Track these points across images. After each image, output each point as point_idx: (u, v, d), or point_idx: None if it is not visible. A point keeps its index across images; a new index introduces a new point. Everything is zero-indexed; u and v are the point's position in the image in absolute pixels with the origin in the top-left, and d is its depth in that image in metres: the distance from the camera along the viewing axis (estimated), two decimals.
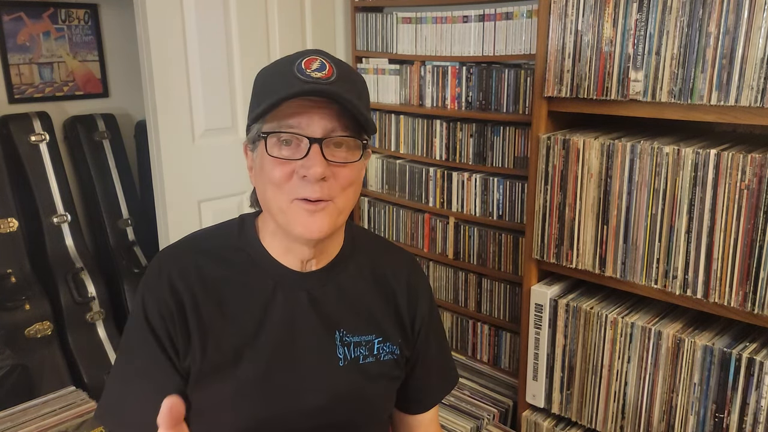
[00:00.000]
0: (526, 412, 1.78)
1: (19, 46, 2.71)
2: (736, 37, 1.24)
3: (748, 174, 1.26)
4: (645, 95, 1.39)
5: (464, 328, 2.33)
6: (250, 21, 2.31)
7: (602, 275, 1.54)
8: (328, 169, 0.79)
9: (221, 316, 0.86)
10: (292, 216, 0.81)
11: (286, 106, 0.79)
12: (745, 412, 1.34)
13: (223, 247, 0.91)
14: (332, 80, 0.79)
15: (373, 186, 2.59)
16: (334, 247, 0.92)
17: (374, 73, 2.48)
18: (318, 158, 0.78)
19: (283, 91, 0.77)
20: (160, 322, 0.84)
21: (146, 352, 0.84)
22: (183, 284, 0.86)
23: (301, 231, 0.82)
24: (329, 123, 0.80)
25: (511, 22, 2.01)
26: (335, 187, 0.81)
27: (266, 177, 0.82)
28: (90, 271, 2.60)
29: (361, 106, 0.80)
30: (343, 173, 0.82)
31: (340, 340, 0.90)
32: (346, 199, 0.84)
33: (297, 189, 0.80)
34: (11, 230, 2.44)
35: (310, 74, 0.79)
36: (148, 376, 0.84)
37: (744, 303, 1.31)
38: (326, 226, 0.82)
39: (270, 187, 0.82)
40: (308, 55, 0.82)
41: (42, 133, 2.58)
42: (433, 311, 1.01)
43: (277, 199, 0.82)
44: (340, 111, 0.80)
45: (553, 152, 1.56)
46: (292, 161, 0.80)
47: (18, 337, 2.34)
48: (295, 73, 0.79)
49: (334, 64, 0.81)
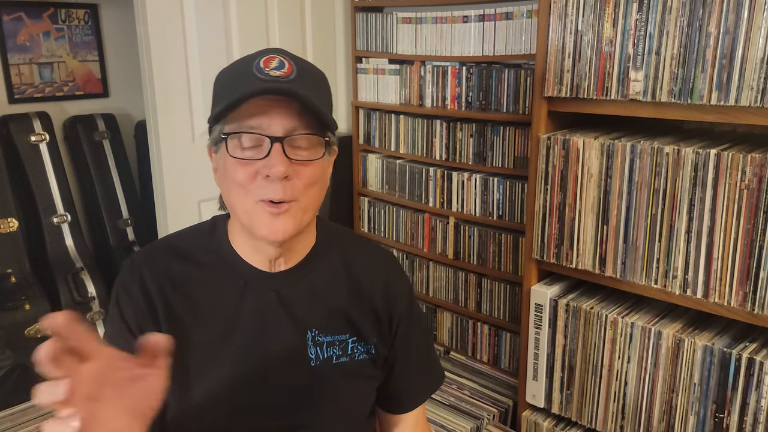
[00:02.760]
0: (526, 412, 1.78)
1: (19, 46, 2.71)
2: (736, 37, 1.24)
3: (748, 174, 1.26)
4: (645, 95, 1.39)
5: (464, 328, 2.33)
6: (250, 21, 2.31)
7: (602, 275, 1.54)
8: (290, 168, 0.79)
9: (192, 316, 0.87)
10: (256, 218, 0.81)
11: (246, 106, 0.78)
12: (745, 412, 1.35)
13: (196, 249, 0.91)
14: (292, 78, 0.79)
15: (373, 186, 2.59)
16: (304, 246, 0.92)
17: (374, 73, 2.48)
18: (280, 157, 0.78)
19: (242, 91, 0.77)
20: (134, 319, 0.86)
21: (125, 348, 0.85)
22: (155, 284, 0.87)
23: (265, 233, 0.82)
24: (290, 122, 0.79)
25: (511, 22, 2.01)
26: (298, 186, 0.81)
27: (230, 178, 0.82)
28: (90, 271, 2.60)
29: (321, 103, 0.80)
30: (306, 171, 0.81)
31: (312, 340, 0.89)
32: (311, 198, 0.84)
33: (261, 190, 0.80)
34: (11, 230, 2.44)
35: (269, 73, 0.78)
36: None
37: (744, 303, 1.31)
38: (290, 228, 0.82)
39: (234, 189, 0.82)
40: (267, 54, 0.81)
41: (42, 133, 2.58)
42: (412, 310, 1.00)
43: (242, 200, 0.82)
44: (301, 109, 0.79)
45: (553, 152, 1.56)
46: (255, 161, 0.79)
47: (18, 337, 2.34)
48: (253, 72, 0.78)
49: (293, 61, 0.81)
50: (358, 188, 2.65)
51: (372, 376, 0.95)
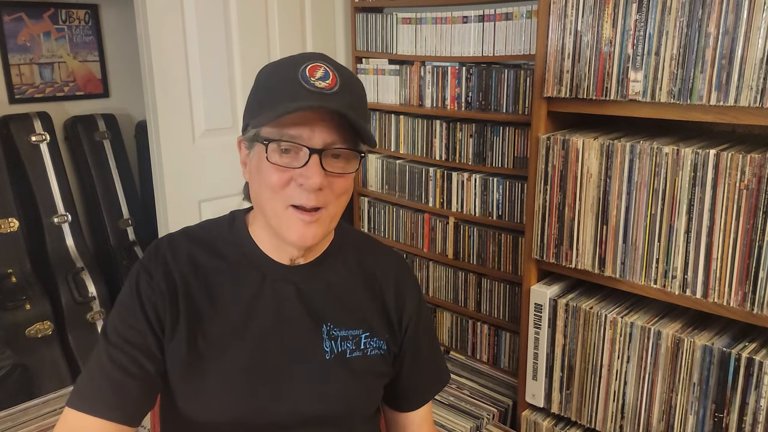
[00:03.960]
0: (526, 412, 1.78)
1: (20, 46, 2.71)
2: (736, 37, 1.24)
3: (748, 174, 1.27)
4: (644, 95, 1.39)
5: (464, 328, 2.33)
6: (250, 21, 2.31)
7: (602, 275, 1.54)
8: (325, 180, 0.81)
9: (211, 305, 0.89)
10: (285, 222, 0.83)
11: (288, 113, 0.79)
12: (745, 411, 1.35)
13: (218, 240, 0.93)
14: (336, 90, 0.80)
15: (373, 186, 2.59)
16: (323, 244, 0.94)
17: (374, 73, 2.48)
18: (317, 169, 0.80)
19: (288, 101, 0.78)
20: (150, 298, 0.86)
21: (131, 325, 0.86)
22: (177, 270, 0.88)
23: (294, 239, 0.84)
24: (330, 135, 0.81)
25: (511, 23, 2.01)
26: (330, 197, 0.83)
27: (263, 180, 0.83)
28: (90, 271, 2.61)
29: (361, 117, 0.82)
30: (340, 183, 0.84)
31: (328, 333, 0.91)
32: (339, 206, 0.86)
33: (293, 196, 0.82)
34: (12, 230, 2.44)
35: (315, 83, 0.80)
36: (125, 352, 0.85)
37: (743, 303, 1.32)
38: (319, 235, 0.84)
39: (266, 191, 0.83)
40: (312, 61, 0.82)
41: (42, 133, 2.58)
42: (421, 310, 1.02)
43: (273, 203, 0.83)
44: (341, 122, 0.81)
45: (552, 152, 1.56)
46: (291, 169, 0.81)
47: (18, 337, 2.34)
48: (299, 81, 0.80)
49: (337, 72, 0.82)
50: (358, 188, 2.65)
51: (382, 372, 0.97)
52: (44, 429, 1.75)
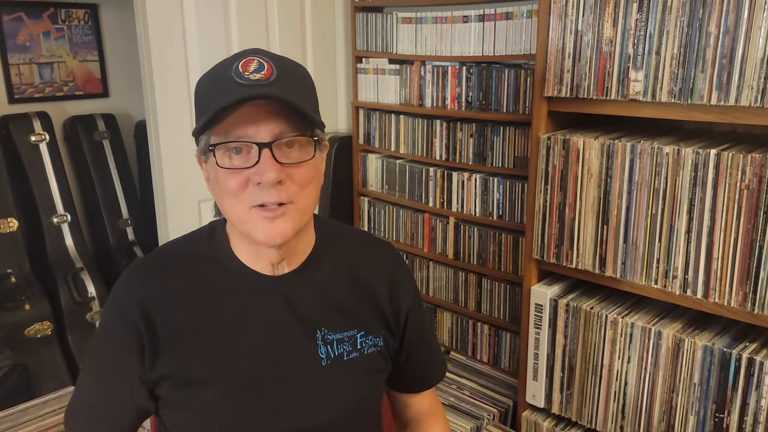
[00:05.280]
0: (526, 412, 1.78)
1: (19, 46, 2.71)
2: (736, 37, 1.24)
3: (748, 174, 1.26)
4: (645, 95, 1.39)
5: (464, 328, 2.33)
6: (250, 21, 2.31)
7: (602, 275, 1.54)
8: (282, 172, 0.78)
9: (194, 326, 0.86)
10: (252, 224, 0.81)
11: (231, 115, 0.77)
12: (745, 412, 1.35)
13: (195, 257, 0.90)
14: (272, 80, 0.77)
15: (373, 186, 2.59)
16: (305, 246, 0.91)
17: (374, 73, 2.48)
18: (270, 163, 0.77)
19: (222, 100, 0.75)
20: (126, 335, 0.85)
21: (111, 362, 0.87)
22: (152, 299, 0.86)
23: (263, 238, 0.81)
24: (277, 126, 0.78)
25: (511, 22, 2.01)
26: (293, 189, 0.80)
27: (222, 188, 0.81)
28: (90, 271, 2.60)
29: (306, 102, 0.79)
30: (300, 173, 0.80)
31: (323, 339, 0.89)
32: (307, 198, 0.83)
33: (253, 196, 0.79)
34: (11, 230, 2.44)
35: (249, 77, 0.76)
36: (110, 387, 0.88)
37: (744, 303, 1.31)
38: (288, 230, 0.81)
39: (227, 198, 0.81)
40: (245, 56, 0.79)
41: (42, 133, 2.58)
42: (416, 300, 1.01)
43: (236, 209, 0.81)
44: (287, 110, 0.78)
45: (553, 152, 1.56)
46: (245, 169, 0.78)
47: (18, 337, 2.34)
48: (233, 78, 0.77)
49: (273, 62, 0.79)
50: (358, 188, 2.65)
51: (382, 369, 0.96)
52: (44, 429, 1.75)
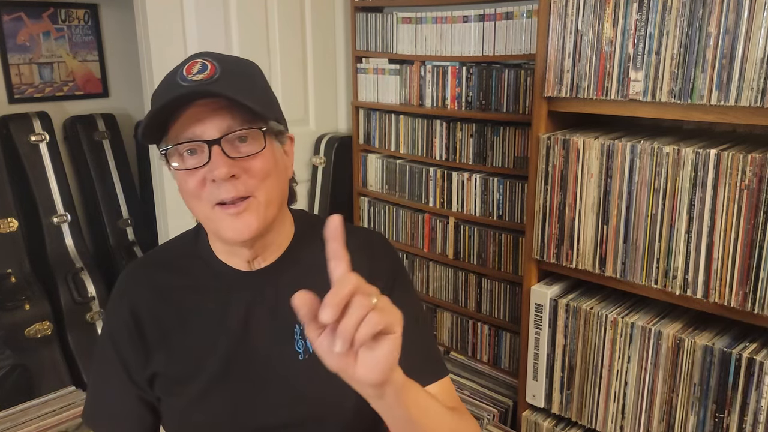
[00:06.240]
0: (526, 412, 1.78)
1: (19, 46, 2.71)
2: (736, 37, 1.24)
3: (748, 174, 1.26)
4: (645, 95, 1.39)
5: (464, 328, 2.33)
6: (250, 21, 2.31)
7: (602, 275, 1.54)
8: (235, 167, 0.79)
9: (181, 324, 0.89)
10: (217, 222, 0.82)
11: (179, 118, 0.78)
12: (745, 412, 1.34)
13: (181, 256, 0.93)
14: (216, 78, 0.78)
15: (373, 186, 2.59)
16: (281, 240, 0.91)
17: (374, 73, 2.48)
18: (220, 159, 0.78)
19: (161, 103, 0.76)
20: (121, 340, 0.90)
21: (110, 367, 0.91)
22: (142, 301, 0.90)
23: (230, 235, 0.82)
24: (224, 121, 0.79)
25: (511, 22, 2.01)
26: (251, 182, 0.80)
27: (183, 191, 0.83)
28: (90, 271, 2.60)
29: (250, 95, 0.79)
30: (256, 165, 0.81)
31: (302, 333, 0.89)
32: (269, 191, 0.82)
33: (212, 194, 0.80)
34: (11, 230, 2.44)
35: (192, 78, 0.78)
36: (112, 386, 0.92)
37: (744, 303, 1.31)
38: (253, 225, 0.81)
39: (190, 199, 0.83)
40: (190, 60, 0.81)
41: (42, 133, 2.58)
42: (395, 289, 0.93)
43: (200, 209, 0.82)
44: (233, 106, 0.79)
45: (553, 152, 1.56)
46: (199, 168, 0.79)
47: (18, 337, 2.34)
48: (177, 82, 0.78)
49: (217, 61, 0.80)
50: (358, 188, 2.65)
51: None
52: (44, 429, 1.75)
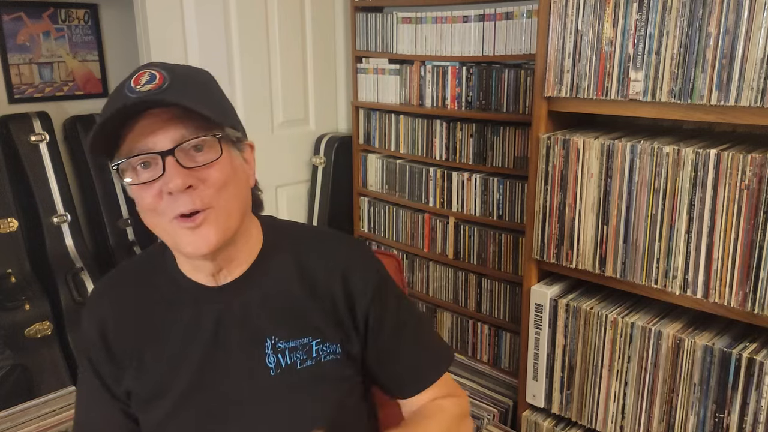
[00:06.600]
0: (526, 412, 1.78)
1: (19, 46, 2.70)
2: (736, 37, 1.24)
3: (748, 174, 1.26)
4: (645, 95, 1.39)
5: (464, 328, 2.33)
6: (250, 21, 2.31)
7: (602, 275, 1.54)
8: (191, 177, 0.75)
9: (148, 342, 0.87)
10: (175, 237, 0.79)
11: (130, 132, 0.75)
12: (745, 412, 1.34)
13: (148, 272, 0.91)
14: (164, 88, 0.75)
15: (373, 186, 2.59)
16: (248, 252, 0.87)
17: (374, 73, 2.48)
18: (174, 170, 0.74)
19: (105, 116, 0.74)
20: (96, 359, 0.89)
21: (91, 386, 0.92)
22: (109, 320, 0.89)
23: (189, 250, 0.78)
24: (177, 131, 0.75)
25: (511, 22, 2.01)
26: (208, 193, 0.77)
27: (140, 206, 0.79)
28: (90, 271, 2.60)
29: (202, 102, 0.76)
30: (212, 175, 0.77)
31: (273, 348, 0.86)
32: (228, 201, 0.79)
33: (169, 207, 0.76)
34: (11, 230, 2.44)
35: (139, 89, 0.74)
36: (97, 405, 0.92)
37: (744, 303, 1.31)
38: (213, 237, 0.78)
39: (147, 215, 0.79)
40: (138, 71, 0.77)
41: (42, 133, 2.58)
42: (382, 299, 0.91)
43: (158, 224, 0.79)
44: (185, 115, 0.75)
45: (553, 152, 1.56)
46: (154, 182, 0.76)
47: (18, 337, 2.34)
48: (125, 93, 0.75)
49: (166, 71, 0.77)
50: (358, 188, 2.65)
51: (343, 377, 0.90)
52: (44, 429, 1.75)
